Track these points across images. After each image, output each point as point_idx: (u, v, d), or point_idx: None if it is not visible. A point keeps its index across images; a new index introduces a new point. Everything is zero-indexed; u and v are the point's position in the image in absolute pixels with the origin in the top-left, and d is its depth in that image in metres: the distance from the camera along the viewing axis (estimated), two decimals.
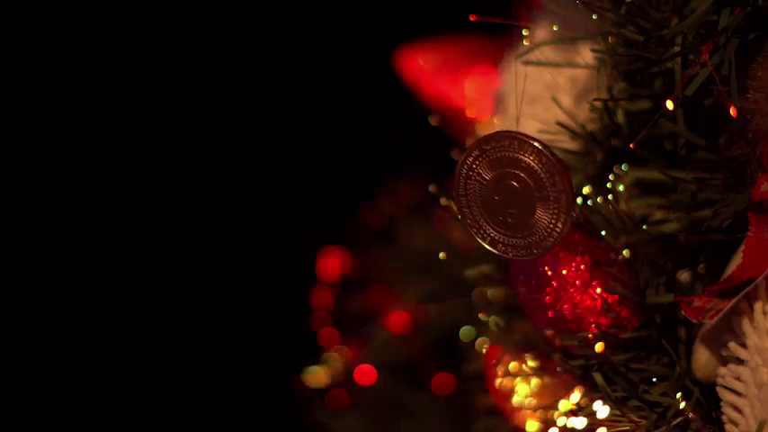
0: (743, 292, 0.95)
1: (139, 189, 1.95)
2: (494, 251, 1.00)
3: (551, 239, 0.98)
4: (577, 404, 1.05)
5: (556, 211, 0.97)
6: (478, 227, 1.00)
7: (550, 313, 1.06)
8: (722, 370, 0.99)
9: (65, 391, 1.92)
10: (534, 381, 1.13)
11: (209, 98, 1.94)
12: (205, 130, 1.96)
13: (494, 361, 1.16)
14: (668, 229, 1.06)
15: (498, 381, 1.16)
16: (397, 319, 1.56)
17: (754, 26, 0.97)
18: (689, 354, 1.04)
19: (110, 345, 1.93)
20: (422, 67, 1.53)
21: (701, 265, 1.07)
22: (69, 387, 1.93)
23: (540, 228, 0.98)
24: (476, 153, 0.98)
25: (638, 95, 1.06)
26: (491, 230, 1.00)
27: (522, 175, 0.97)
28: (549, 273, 1.05)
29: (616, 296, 1.05)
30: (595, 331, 1.04)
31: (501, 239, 0.99)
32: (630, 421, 1.02)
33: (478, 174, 0.99)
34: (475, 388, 1.32)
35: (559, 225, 0.97)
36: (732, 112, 0.95)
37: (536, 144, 0.96)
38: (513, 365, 1.14)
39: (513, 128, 1.00)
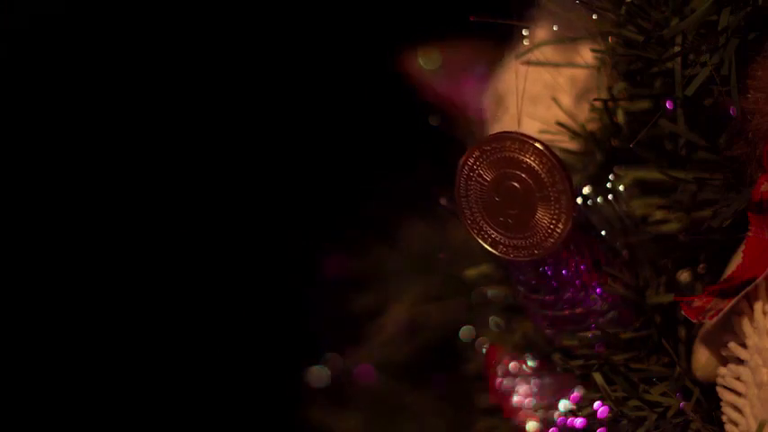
0: (743, 292, 0.95)
1: (139, 189, 1.95)
2: (495, 252, 1.00)
3: (552, 240, 0.97)
4: (577, 404, 1.05)
5: (556, 211, 0.97)
6: (479, 228, 1.00)
7: (550, 313, 1.06)
8: (722, 370, 0.99)
9: (66, 393, 1.92)
10: (534, 381, 1.13)
11: (210, 98, 1.94)
12: (205, 130, 1.96)
13: (494, 361, 1.16)
14: (668, 229, 1.06)
15: (498, 381, 1.16)
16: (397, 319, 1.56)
17: (754, 26, 0.97)
18: (689, 354, 1.04)
19: (110, 345, 1.93)
20: (422, 66, 1.53)
21: (701, 265, 1.07)
22: (70, 388, 1.93)
23: (541, 228, 0.97)
24: (476, 154, 0.98)
25: (638, 95, 1.06)
26: (492, 231, 1.00)
27: (522, 175, 0.97)
28: (549, 273, 1.05)
29: (616, 296, 1.05)
30: (595, 331, 1.04)
31: (502, 240, 0.99)
32: (630, 421, 1.02)
33: (479, 175, 0.99)
34: (475, 388, 1.32)
35: (560, 226, 0.97)
36: (732, 112, 0.95)
37: (537, 145, 0.96)
38: (513, 365, 1.14)
39: (513, 128, 1.00)
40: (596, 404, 1.03)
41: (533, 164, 0.96)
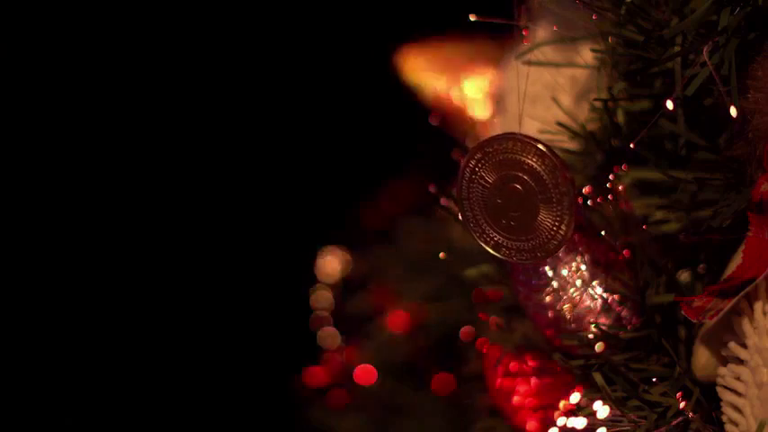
0: (743, 292, 0.95)
1: (140, 190, 1.95)
2: (497, 255, 0.99)
3: (555, 242, 0.97)
4: (577, 404, 1.05)
5: (559, 213, 0.96)
6: (482, 231, 0.99)
7: (550, 313, 1.06)
8: (722, 370, 0.99)
9: (67, 393, 1.93)
10: (534, 381, 1.13)
11: (210, 98, 1.94)
12: (206, 131, 1.96)
13: (494, 361, 1.16)
14: (668, 229, 1.06)
15: (498, 381, 1.16)
16: (398, 319, 1.56)
17: (754, 26, 0.97)
18: (689, 354, 1.04)
19: (110, 345, 1.93)
20: (422, 67, 1.53)
21: (701, 265, 1.07)
22: (71, 389, 1.93)
23: (544, 230, 0.97)
24: (478, 156, 0.98)
25: (638, 95, 1.06)
26: (494, 234, 0.99)
27: (524, 177, 0.97)
28: (550, 273, 1.05)
29: (616, 296, 1.05)
30: (595, 331, 1.04)
31: (504, 243, 0.99)
32: (630, 421, 1.02)
33: (481, 177, 0.98)
34: (475, 388, 1.32)
35: (563, 227, 0.97)
36: (732, 112, 0.95)
37: (539, 146, 0.96)
38: (513, 365, 1.14)
39: (514, 128, 1.00)
40: (596, 404, 1.03)
41: (535, 165, 0.96)
